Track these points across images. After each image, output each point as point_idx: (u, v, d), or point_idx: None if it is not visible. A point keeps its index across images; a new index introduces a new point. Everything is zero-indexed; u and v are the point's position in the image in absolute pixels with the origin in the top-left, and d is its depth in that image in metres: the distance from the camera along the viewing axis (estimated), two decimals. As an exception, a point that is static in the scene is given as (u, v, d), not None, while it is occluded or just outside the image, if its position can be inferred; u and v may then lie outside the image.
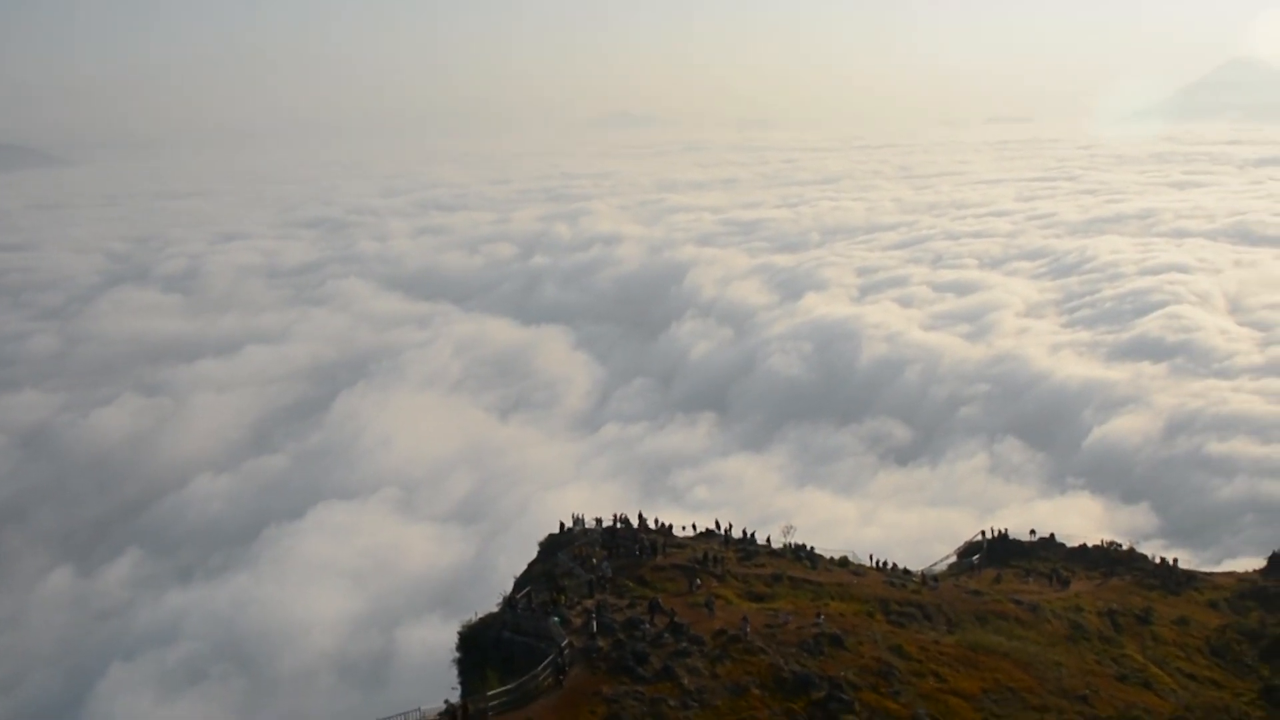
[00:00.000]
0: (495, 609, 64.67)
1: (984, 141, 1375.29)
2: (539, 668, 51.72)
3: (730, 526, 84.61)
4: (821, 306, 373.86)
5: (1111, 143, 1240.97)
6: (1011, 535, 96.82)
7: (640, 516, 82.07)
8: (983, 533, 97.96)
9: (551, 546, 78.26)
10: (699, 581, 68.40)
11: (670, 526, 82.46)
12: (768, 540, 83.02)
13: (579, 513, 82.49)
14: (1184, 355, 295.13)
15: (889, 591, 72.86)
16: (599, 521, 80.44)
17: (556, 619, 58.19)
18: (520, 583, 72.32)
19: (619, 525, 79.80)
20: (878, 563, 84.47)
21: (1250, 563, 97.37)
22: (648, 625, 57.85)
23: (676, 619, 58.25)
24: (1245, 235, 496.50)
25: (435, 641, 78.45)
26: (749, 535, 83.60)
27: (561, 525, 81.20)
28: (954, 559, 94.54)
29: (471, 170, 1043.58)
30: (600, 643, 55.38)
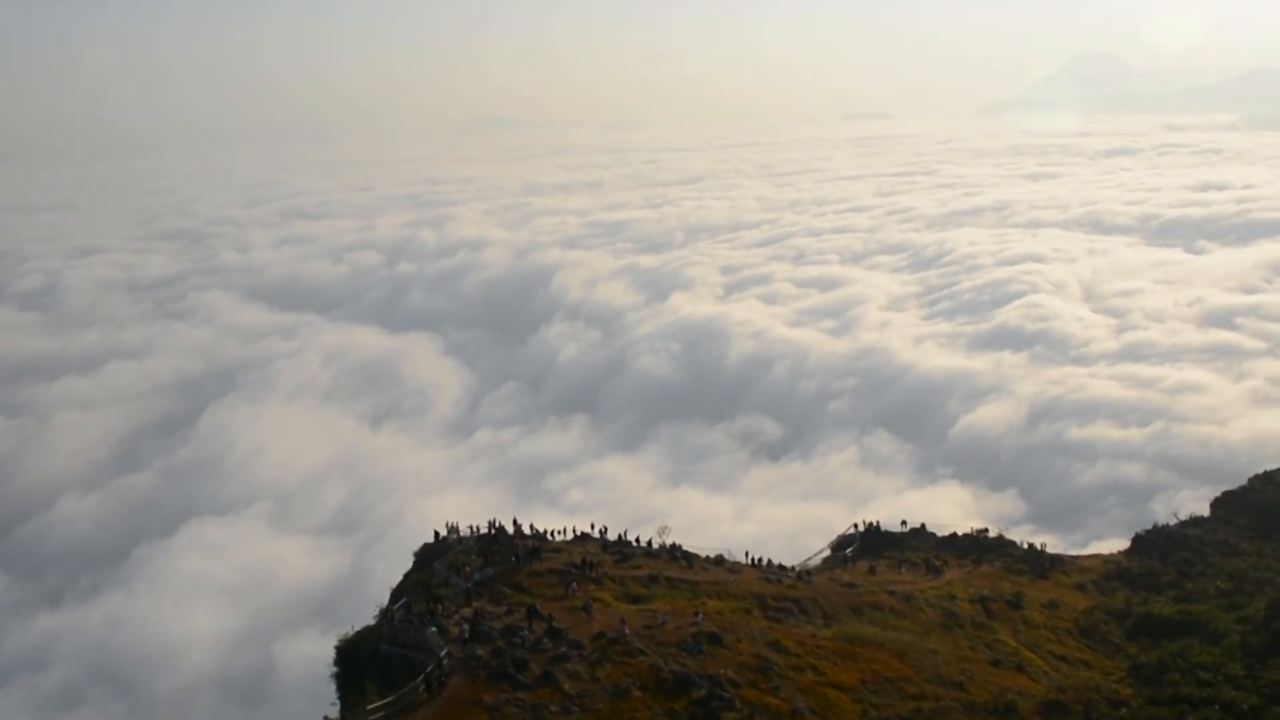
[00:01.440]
0: (373, 621, 64.01)
1: (844, 138, 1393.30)
2: (418, 679, 51.24)
3: (606, 529, 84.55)
4: (688, 306, 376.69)
5: (968, 136, 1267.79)
6: (884, 527, 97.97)
7: (515, 522, 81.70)
8: (855, 525, 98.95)
9: (427, 556, 77.61)
10: (576, 586, 68.27)
11: (546, 531, 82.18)
12: (645, 541, 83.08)
13: (454, 521, 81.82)
14: (1042, 343, 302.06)
15: (765, 587, 73.30)
16: (473, 529, 79.92)
17: (434, 629, 57.68)
18: (397, 594, 71.61)
19: (494, 532, 79.38)
20: (753, 559, 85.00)
21: (1115, 544, 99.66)
22: (526, 632, 57.66)
23: (555, 624, 58.13)
24: (1097, 224, 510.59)
25: (315, 655, 77.27)
26: (624, 537, 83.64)
27: (436, 534, 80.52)
28: (828, 552, 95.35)
29: (334, 178, 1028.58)
30: (479, 651, 55.04)
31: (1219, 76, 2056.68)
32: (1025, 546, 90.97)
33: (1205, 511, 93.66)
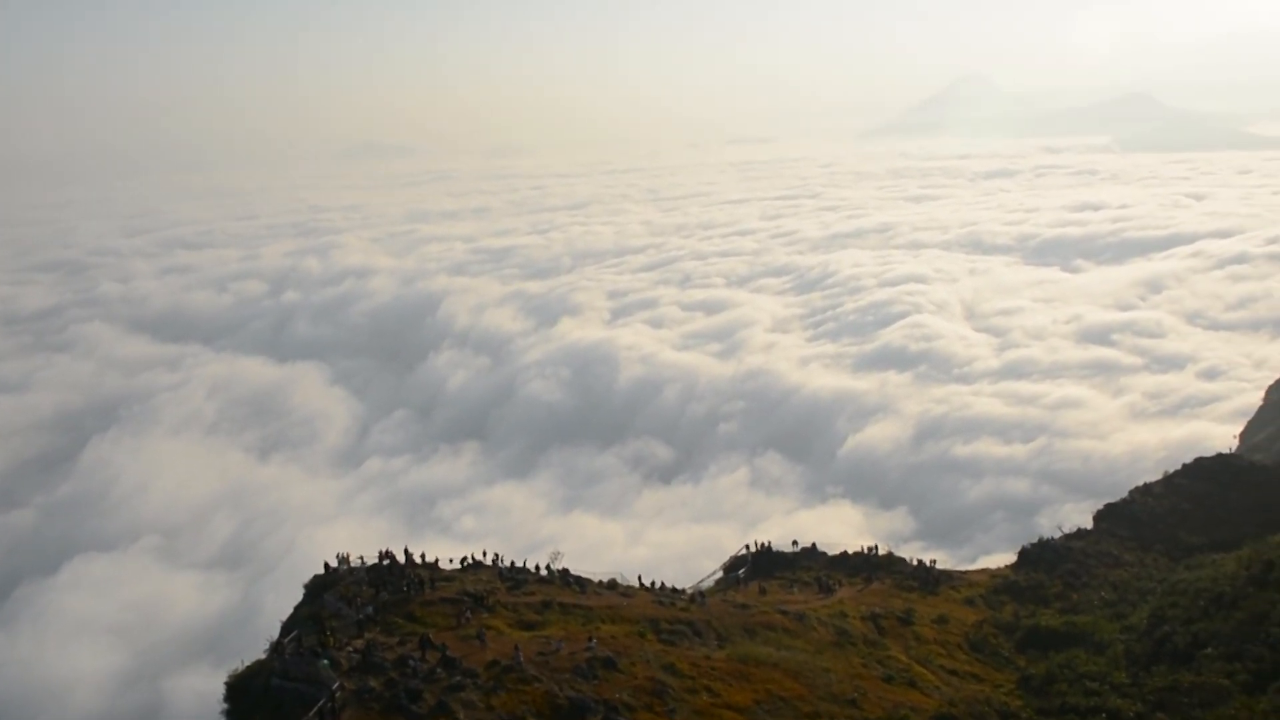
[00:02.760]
0: (263, 655, 63.15)
1: (728, 162, 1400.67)
2: (311, 713, 50.69)
3: (498, 556, 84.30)
4: (576, 331, 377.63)
5: (850, 160, 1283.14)
6: (775, 547, 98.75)
7: (407, 552, 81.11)
8: (747, 546, 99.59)
9: (317, 588, 76.59)
10: (469, 614, 67.97)
11: (438, 560, 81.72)
12: (538, 567, 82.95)
13: (344, 551, 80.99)
14: (927, 363, 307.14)
15: (659, 611, 73.48)
16: (362, 560, 79.22)
17: (326, 662, 57.04)
18: (287, 627, 70.57)
19: (386, 562, 78.78)
20: (647, 583, 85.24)
21: (1002, 558, 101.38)
22: (419, 662, 57.24)
23: (448, 653, 57.75)
24: (977, 244, 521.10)
25: (205, 691, 75.88)
26: (517, 564, 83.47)
27: (327, 565, 79.61)
28: (720, 574, 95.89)
29: (216, 206, 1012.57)
30: (372, 683, 54.58)
31: (1091, 99, 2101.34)
32: (915, 563, 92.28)
33: (1089, 524, 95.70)
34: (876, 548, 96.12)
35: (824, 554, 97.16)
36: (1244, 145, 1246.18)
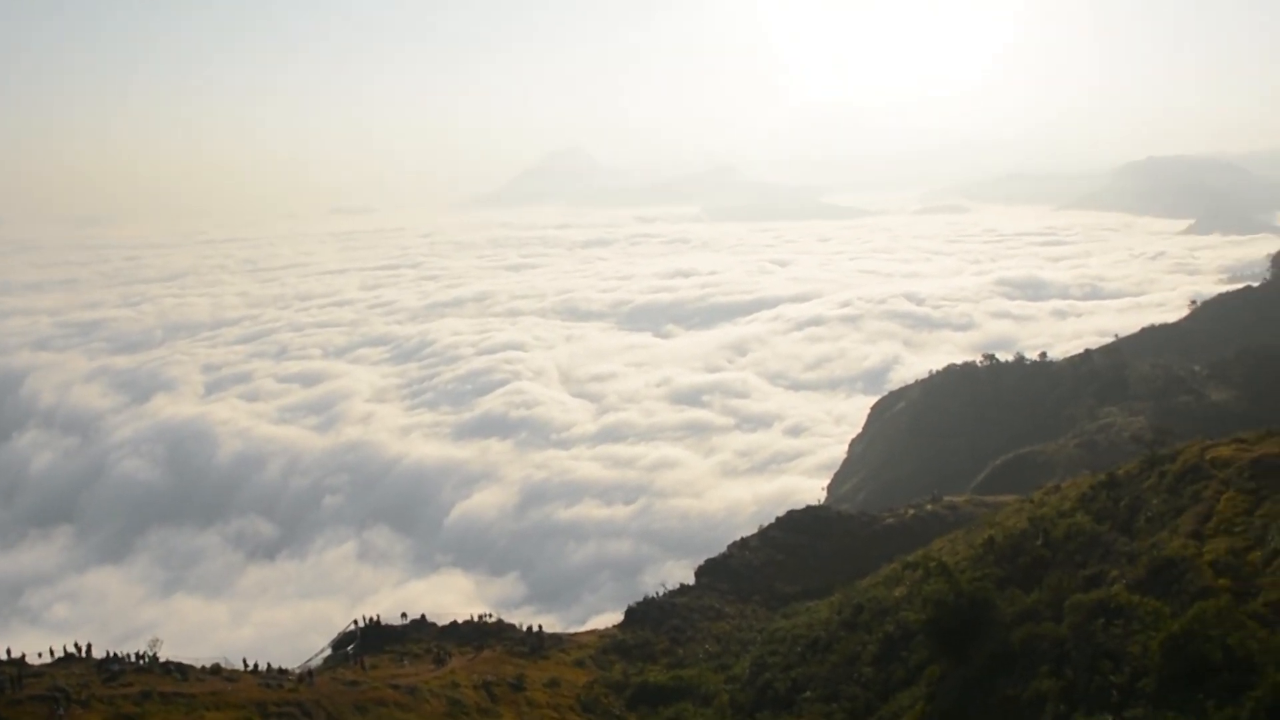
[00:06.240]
0: None
1: (329, 232, 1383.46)
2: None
3: (89, 646, 79.76)
4: (170, 407, 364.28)
5: (451, 230, 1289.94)
6: (384, 620, 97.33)
7: (-11, 649, 75.71)
8: (355, 621, 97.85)
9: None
10: (63, 711, 64.07)
11: (24, 656, 76.53)
12: (136, 656, 78.97)
13: (-77, 652, 74.87)
14: (527, 429, 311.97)
15: (265, 694, 71.22)
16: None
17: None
18: None
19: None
20: (253, 665, 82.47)
21: (611, 618, 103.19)
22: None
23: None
24: (573, 311, 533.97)
25: None
26: (115, 653, 79.18)
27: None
28: (330, 651, 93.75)
29: None
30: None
31: (681, 171, 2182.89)
32: (525, 629, 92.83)
33: (691, 580, 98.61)
34: (487, 615, 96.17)
35: (434, 624, 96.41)
36: (822, 215, 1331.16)
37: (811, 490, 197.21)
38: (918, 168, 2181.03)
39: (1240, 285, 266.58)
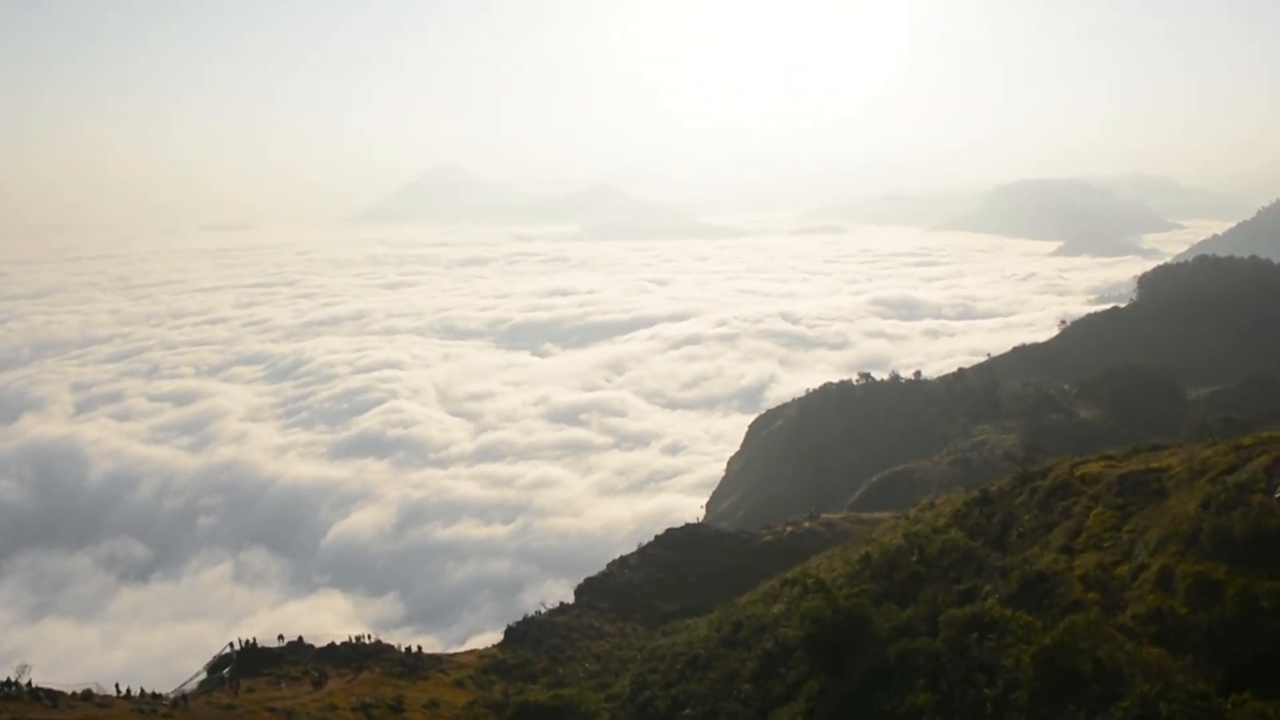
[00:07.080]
0: None
1: (202, 249, 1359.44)
2: None
3: (-46, 676, 77.54)
4: (39, 426, 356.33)
5: (329, 247, 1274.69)
6: (261, 642, 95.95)
7: None
8: (231, 644, 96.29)
9: None
10: (-82, 750, 62.38)
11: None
12: (7, 682, 76.87)
13: None
14: (404, 448, 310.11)
15: (139, 719, 69.93)
16: None
17: None
18: None
19: None
20: (125, 690, 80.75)
21: (490, 638, 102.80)
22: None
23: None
24: (451, 330, 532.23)
25: None
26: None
27: None
28: (205, 674, 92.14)
29: None
30: None
31: (560, 189, 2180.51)
32: (404, 649, 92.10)
33: (570, 599, 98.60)
34: (365, 636, 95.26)
35: (312, 646, 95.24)
36: (700, 234, 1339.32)
37: (690, 508, 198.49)
38: (799, 190, 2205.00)
39: (1108, 306, 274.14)
